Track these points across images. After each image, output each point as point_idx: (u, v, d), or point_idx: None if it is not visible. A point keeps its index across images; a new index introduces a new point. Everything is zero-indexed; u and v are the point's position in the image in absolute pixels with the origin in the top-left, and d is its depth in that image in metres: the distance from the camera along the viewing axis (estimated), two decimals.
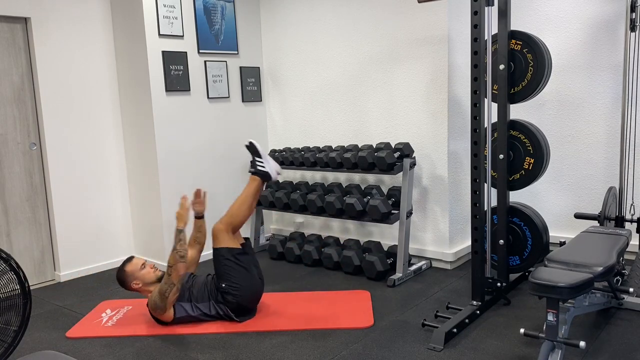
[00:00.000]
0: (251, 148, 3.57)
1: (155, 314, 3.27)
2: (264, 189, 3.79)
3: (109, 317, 3.51)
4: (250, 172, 3.57)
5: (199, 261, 3.76)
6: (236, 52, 4.91)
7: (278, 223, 5.36)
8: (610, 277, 2.67)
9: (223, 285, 3.29)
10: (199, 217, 3.67)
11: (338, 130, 4.72)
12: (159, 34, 4.32)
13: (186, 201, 3.32)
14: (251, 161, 3.58)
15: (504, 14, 3.34)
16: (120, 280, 3.36)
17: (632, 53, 3.66)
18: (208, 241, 4.81)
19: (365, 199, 4.10)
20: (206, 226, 3.72)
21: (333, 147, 4.57)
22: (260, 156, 3.55)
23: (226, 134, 4.89)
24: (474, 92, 3.15)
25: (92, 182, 4.51)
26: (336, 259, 4.24)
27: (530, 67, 3.35)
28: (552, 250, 2.78)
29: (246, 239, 3.51)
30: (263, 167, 3.53)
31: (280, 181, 4.89)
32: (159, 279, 3.40)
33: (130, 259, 3.41)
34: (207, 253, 4.77)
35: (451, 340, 2.94)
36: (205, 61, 4.65)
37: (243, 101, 5.00)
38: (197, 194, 3.64)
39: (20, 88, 4.16)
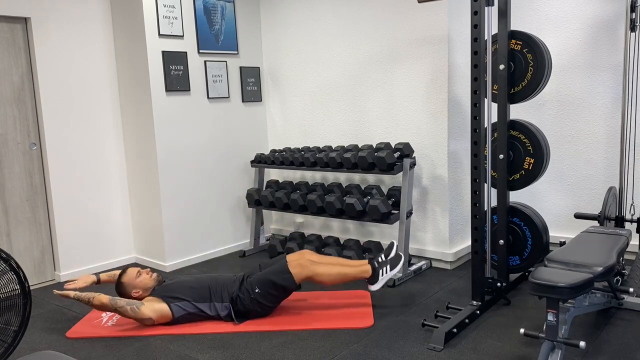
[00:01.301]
0: (395, 259, 3.44)
1: (148, 324, 3.30)
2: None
3: (109, 317, 3.51)
4: (372, 265, 3.40)
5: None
6: (236, 52, 4.91)
7: (278, 223, 5.36)
8: (610, 277, 2.67)
9: (257, 290, 3.29)
10: (97, 281, 3.60)
11: (338, 130, 4.72)
12: (159, 34, 4.32)
13: (56, 293, 3.35)
14: (382, 261, 3.42)
15: (504, 14, 3.34)
16: (119, 292, 3.42)
17: (632, 53, 3.66)
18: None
19: (365, 199, 4.10)
20: (108, 273, 3.68)
21: (333, 147, 4.57)
22: (392, 269, 3.41)
23: (226, 134, 4.89)
24: (474, 92, 3.16)
25: (92, 182, 4.51)
26: None
27: (530, 67, 3.35)
28: (552, 250, 2.78)
29: (299, 286, 3.39)
30: (382, 275, 3.38)
31: (280, 181, 4.90)
32: (159, 282, 3.42)
33: (124, 271, 3.46)
34: (214, 251, 4.79)
35: (451, 340, 2.94)
36: (205, 61, 4.65)
37: (243, 101, 5.00)
38: (69, 287, 3.46)
39: (20, 88, 4.16)
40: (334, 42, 4.62)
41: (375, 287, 3.39)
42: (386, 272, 3.39)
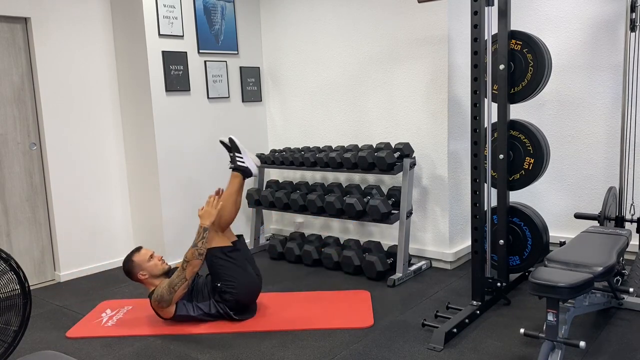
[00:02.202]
0: (231, 143, 3.57)
1: (158, 306, 3.26)
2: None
3: (109, 317, 3.51)
4: (230, 168, 3.57)
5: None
6: (236, 52, 4.91)
7: (278, 223, 5.36)
8: (610, 277, 2.67)
9: (218, 284, 3.29)
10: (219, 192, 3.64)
11: (338, 130, 4.72)
12: (159, 34, 4.32)
13: (215, 200, 3.32)
14: (231, 156, 3.59)
15: (504, 14, 3.34)
16: (126, 270, 3.34)
17: (632, 53, 3.66)
18: None
19: (365, 199, 4.10)
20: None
21: (333, 147, 4.57)
22: (239, 151, 3.55)
23: (226, 134, 4.87)
24: (474, 92, 3.15)
25: (92, 182, 4.51)
26: (336, 259, 4.24)
27: (530, 67, 3.35)
28: (552, 250, 2.77)
29: (239, 236, 3.48)
30: (243, 162, 3.54)
31: (280, 181, 4.90)
32: (166, 273, 3.39)
33: (138, 249, 3.41)
34: None
35: (451, 340, 2.94)
36: (205, 61, 4.65)
37: (243, 101, 5.00)
38: (218, 191, 3.58)
39: (20, 88, 4.16)
40: (334, 42, 4.62)
41: (254, 171, 3.56)
42: (242, 158, 3.53)
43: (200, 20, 4.59)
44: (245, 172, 3.54)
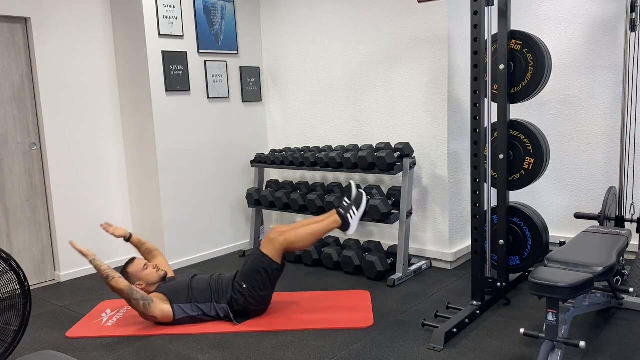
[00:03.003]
0: (357, 198, 3.45)
1: (150, 321, 3.30)
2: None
3: (109, 317, 3.51)
4: (338, 210, 3.43)
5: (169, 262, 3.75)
6: (236, 52, 4.91)
7: (278, 223, 5.36)
8: (610, 277, 2.67)
9: (244, 285, 3.28)
10: (128, 238, 3.64)
11: (338, 130, 4.72)
12: (159, 34, 4.32)
13: (72, 244, 3.28)
14: (346, 205, 3.45)
15: (504, 14, 3.34)
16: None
17: (632, 53, 3.66)
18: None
19: None
20: (141, 237, 3.70)
21: (333, 147, 4.57)
22: (357, 209, 3.43)
23: (226, 134, 4.89)
24: (474, 92, 3.15)
25: (92, 183, 4.51)
26: (336, 259, 4.24)
27: (530, 67, 3.35)
28: (552, 250, 2.77)
29: (285, 254, 3.39)
30: (352, 218, 3.41)
31: (280, 181, 4.90)
32: (163, 279, 3.41)
33: (132, 260, 3.44)
34: (214, 251, 4.79)
35: (451, 340, 2.94)
36: (205, 61, 4.65)
37: (243, 101, 5.01)
38: (105, 227, 3.58)
39: (20, 88, 4.16)
40: (334, 42, 4.62)
41: (350, 231, 3.41)
42: (354, 214, 3.40)
43: (200, 20, 4.59)
44: (345, 225, 3.41)
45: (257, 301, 3.32)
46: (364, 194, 3.48)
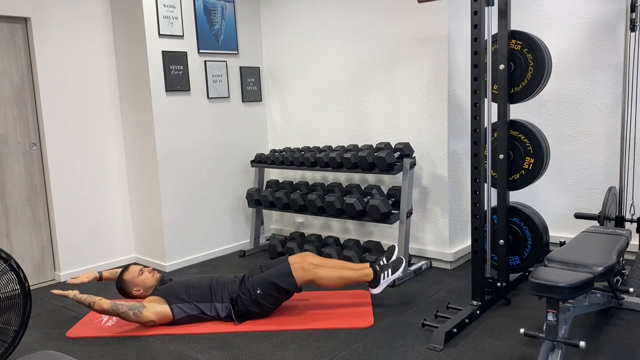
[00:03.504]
0: (397, 263, 3.45)
1: (149, 326, 3.30)
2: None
3: (109, 317, 3.51)
4: (374, 268, 3.41)
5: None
6: (236, 52, 4.91)
7: (278, 223, 5.36)
8: (610, 277, 2.67)
9: (258, 291, 3.28)
10: (100, 278, 3.62)
11: (338, 130, 4.72)
12: (159, 34, 4.32)
13: (53, 292, 3.26)
14: (383, 265, 3.45)
15: (504, 14, 3.34)
16: (120, 290, 3.41)
17: (632, 53, 3.66)
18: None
19: (365, 199, 4.10)
20: (110, 271, 3.68)
21: (333, 147, 4.57)
22: (392, 273, 3.41)
23: (226, 134, 4.89)
24: (474, 92, 3.16)
25: (92, 182, 4.51)
26: (336, 258, 4.24)
27: (530, 67, 3.35)
28: (552, 250, 2.78)
29: (301, 288, 3.39)
30: (384, 279, 3.39)
31: (280, 181, 4.90)
32: (160, 281, 3.42)
33: (126, 267, 3.46)
34: (214, 251, 4.79)
35: (451, 340, 2.94)
36: (205, 61, 4.65)
37: (243, 101, 5.00)
38: (72, 282, 3.49)
39: (20, 88, 4.16)
40: (334, 42, 4.62)
41: (376, 291, 3.40)
42: (387, 276, 3.40)
43: (200, 20, 4.59)
44: (374, 283, 3.38)
45: (261, 309, 3.32)
46: (404, 260, 3.49)
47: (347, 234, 4.78)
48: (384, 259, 3.51)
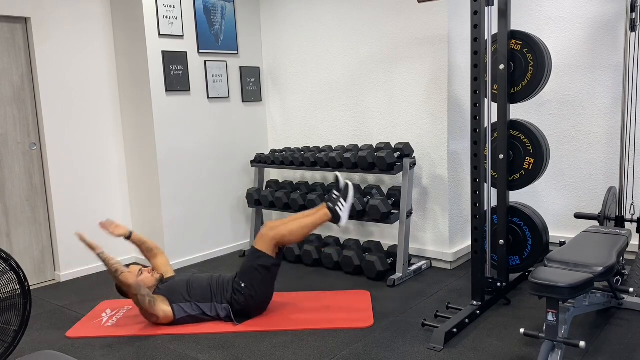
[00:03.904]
0: (345, 189, 3.48)
1: (152, 321, 3.29)
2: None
3: (109, 317, 3.51)
4: (328, 205, 3.45)
5: (170, 263, 3.75)
6: (236, 52, 4.91)
7: None
8: (610, 277, 2.67)
9: (242, 284, 3.29)
10: (128, 236, 3.62)
11: (338, 130, 4.72)
12: (159, 34, 4.32)
13: (79, 236, 3.27)
14: (334, 196, 3.47)
15: (504, 14, 3.34)
16: (120, 290, 3.39)
17: (632, 53, 3.66)
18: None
19: (365, 199, 4.10)
20: (142, 235, 3.70)
21: (333, 147, 4.57)
22: (346, 200, 3.46)
23: (226, 134, 4.89)
24: (474, 92, 3.15)
25: (92, 183, 4.51)
26: (336, 259, 4.24)
27: (530, 67, 3.35)
28: (552, 250, 2.78)
29: (280, 249, 3.41)
30: (341, 209, 3.43)
31: (280, 181, 4.90)
32: (160, 281, 3.42)
33: (127, 267, 3.43)
34: (214, 251, 4.79)
35: (451, 340, 2.94)
36: (205, 61, 4.65)
37: (243, 101, 5.00)
38: (103, 226, 3.56)
39: (20, 88, 4.16)
40: (334, 42, 4.62)
41: (342, 223, 3.43)
42: (343, 205, 3.43)
43: (200, 20, 4.59)
44: (336, 219, 3.43)
45: (257, 299, 3.32)
46: (350, 184, 3.52)
47: (347, 234, 4.78)
48: (334, 192, 3.51)
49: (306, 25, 4.80)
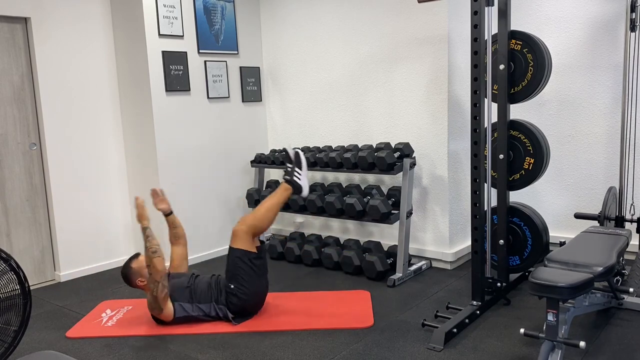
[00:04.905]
0: (296, 157, 3.49)
1: (154, 313, 3.28)
2: None
3: (109, 317, 3.51)
4: (285, 179, 3.48)
5: (188, 257, 3.78)
6: (236, 52, 4.91)
7: (278, 223, 5.35)
8: (610, 277, 2.67)
9: (232, 286, 3.29)
10: (168, 214, 3.64)
11: (338, 130, 4.72)
12: (159, 34, 4.32)
13: (139, 200, 3.29)
14: (289, 170, 3.50)
15: (504, 14, 3.34)
16: (125, 276, 3.35)
17: (632, 53, 3.66)
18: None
19: (365, 199, 4.10)
20: (179, 220, 3.71)
21: (333, 147, 4.57)
22: (301, 168, 3.48)
23: (226, 134, 4.89)
24: (474, 92, 3.15)
25: (92, 182, 4.51)
26: (336, 259, 4.24)
27: (530, 67, 3.35)
28: (552, 250, 2.78)
29: (262, 242, 3.45)
30: (299, 179, 3.46)
31: (280, 181, 4.89)
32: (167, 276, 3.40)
33: (136, 255, 3.40)
34: (214, 251, 4.79)
35: (451, 340, 2.94)
36: (205, 61, 4.65)
37: (243, 101, 5.00)
38: (154, 193, 3.60)
39: (20, 88, 4.16)
40: (334, 42, 4.62)
41: (304, 193, 3.47)
42: (300, 174, 3.45)
43: (200, 20, 4.59)
44: (298, 189, 3.46)
45: (251, 296, 3.31)
46: (299, 152, 3.53)
47: (347, 234, 4.78)
48: (288, 165, 3.53)
49: (306, 25, 4.80)
